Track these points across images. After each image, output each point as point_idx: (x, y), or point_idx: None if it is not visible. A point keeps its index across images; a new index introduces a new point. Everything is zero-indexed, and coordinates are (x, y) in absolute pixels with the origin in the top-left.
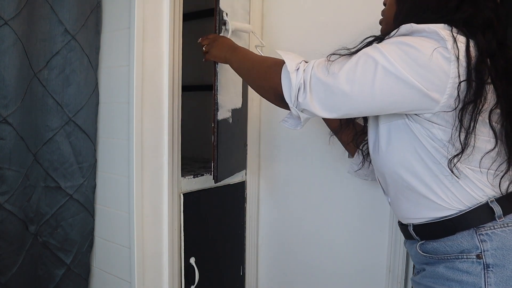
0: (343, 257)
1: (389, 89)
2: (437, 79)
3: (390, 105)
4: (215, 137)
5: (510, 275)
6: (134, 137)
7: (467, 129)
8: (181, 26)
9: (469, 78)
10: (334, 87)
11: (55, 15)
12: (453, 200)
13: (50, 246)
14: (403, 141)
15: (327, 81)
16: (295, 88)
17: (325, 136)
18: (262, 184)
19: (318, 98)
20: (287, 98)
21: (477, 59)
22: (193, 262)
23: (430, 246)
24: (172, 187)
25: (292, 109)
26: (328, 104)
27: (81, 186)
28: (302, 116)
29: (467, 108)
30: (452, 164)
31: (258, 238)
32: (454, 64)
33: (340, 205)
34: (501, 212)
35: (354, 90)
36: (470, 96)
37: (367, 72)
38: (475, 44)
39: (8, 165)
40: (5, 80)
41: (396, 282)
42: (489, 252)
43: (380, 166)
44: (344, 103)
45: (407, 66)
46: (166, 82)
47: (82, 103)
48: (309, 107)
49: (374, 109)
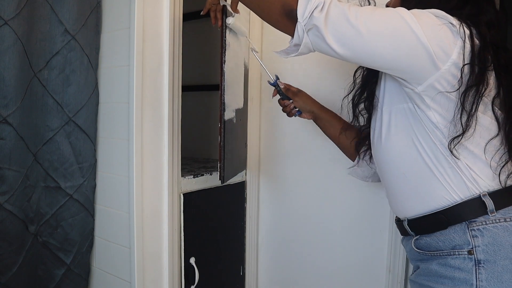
0: (343, 257)
1: (401, 39)
2: (445, 46)
3: (395, 56)
4: (221, 138)
5: (501, 271)
6: (134, 137)
7: (469, 111)
8: (181, 26)
9: (473, 62)
10: (351, 16)
11: (55, 15)
12: (448, 187)
13: (50, 246)
14: (403, 126)
15: (346, 9)
16: (314, 4)
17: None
18: (262, 184)
19: (332, 21)
20: (300, 11)
21: (480, 46)
22: (193, 262)
23: (424, 242)
24: (172, 187)
25: (299, 25)
26: (339, 31)
27: (81, 186)
28: (305, 38)
29: (469, 91)
30: (452, 145)
31: (258, 238)
32: (460, 39)
33: (340, 205)
34: (493, 207)
35: (369, 26)
36: (473, 79)
37: (387, 17)
38: (478, 33)
39: (8, 165)
40: (5, 80)
41: (396, 282)
42: (480, 248)
43: (381, 155)
44: (354, 36)
45: (424, 25)
46: (166, 82)
47: (82, 103)
48: (321, 25)
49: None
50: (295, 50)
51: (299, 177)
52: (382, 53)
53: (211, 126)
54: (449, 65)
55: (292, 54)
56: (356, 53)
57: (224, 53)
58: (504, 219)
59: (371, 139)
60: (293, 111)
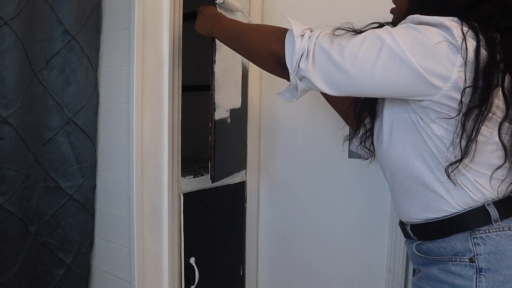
0: (343, 257)
1: (390, 70)
2: (441, 66)
3: (390, 87)
4: (212, 137)
5: (503, 280)
6: (134, 137)
7: (469, 136)
8: (181, 26)
9: (476, 82)
10: (336, 59)
11: (55, 15)
12: (451, 200)
13: (50, 246)
14: (405, 137)
15: (330, 52)
16: (298, 54)
17: (325, 136)
18: (262, 184)
19: (319, 68)
20: (288, 63)
21: (488, 61)
22: (193, 262)
23: (425, 247)
24: (172, 187)
25: (292, 75)
26: (328, 76)
27: (81, 186)
28: (300, 85)
29: (471, 113)
30: (450, 169)
31: (258, 238)
32: (460, 54)
33: (340, 205)
34: (497, 216)
35: (356, 65)
36: (475, 100)
37: (372, 50)
38: (487, 43)
39: (8, 165)
40: (5, 80)
41: (396, 282)
42: (482, 256)
43: (382, 159)
44: (343, 78)
45: (413, 48)
46: (166, 82)
47: (82, 103)
48: (309, 75)
49: (373, 89)
50: (295, 92)
51: (299, 177)
52: (375, 88)
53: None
54: (450, 85)
55: (294, 99)
56: (351, 93)
57: (214, 53)
58: (508, 227)
59: (375, 145)
60: None
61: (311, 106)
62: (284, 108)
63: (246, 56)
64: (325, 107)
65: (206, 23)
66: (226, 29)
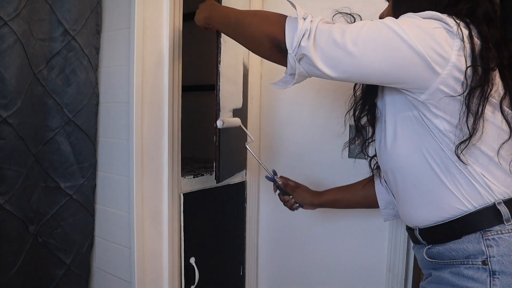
0: (343, 257)
1: (392, 51)
2: (441, 50)
3: (390, 70)
4: (216, 138)
5: None
6: (134, 137)
7: (475, 114)
8: (181, 26)
9: (474, 63)
10: (338, 38)
11: (55, 15)
12: (461, 197)
13: (50, 246)
14: (410, 134)
15: (332, 31)
16: (300, 33)
17: (325, 136)
18: (262, 184)
19: (320, 47)
20: (288, 43)
21: (482, 45)
22: (193, 262)
23: (436, 251)
24: (172, 187)
25: (290, 56)
26: (328, 55)
27: (81, 186)
28: (298, 68)
29: (474, 93)
30: (459, 150)
31: (258, 238)
32: (458, 40)
33: None
34: (509, 215)
35: (357, 43)
36: (477, 81)
37: (374, 31)
38: (478, 32)
39: (8, 165)
40: (5, 80)
41: (396, 282)
42: (495, 259)
43: (386, 162)
44: (344, 57)
45: (413, 31)
46: (166, 82)
47: (82, 103)
48: (310, 53)
49: (372, 70)
50: (291, 79)
51: (299, 177)
52: (376, 68)
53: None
54: (449, 69)
55: (289, 85)
56: (350, 74)
57: (219, 53)
58: None
59: (377, 151)
60: (294, 206)
61: (312, 105)
62: (284, 108)
63: (243, 41)
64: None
65: (203, 11)
66: (223, 16)
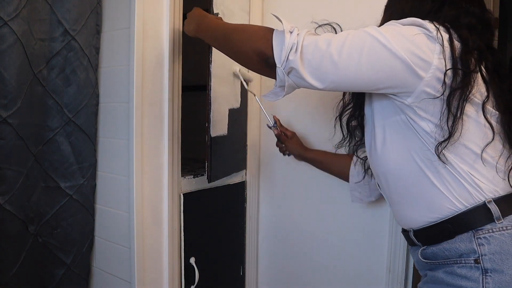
0: (343, 257)
1: (377, 59)
2: (423, 54)
3: (376, 78)
4: (208, 137)
5: (509, 280)
6: (134, 137)
7: (455, 115)
8: (181, 26)
9: (455, 65)
10: (323, 48)
11: (55, 15)
12: (450, 196)
13: (50, 246)
14: (398, 139)
15: (318, 44)
16: (288, 47)
17: (325, 136)
18: (262, 184)
19: (307, 60)
20: (277, 57)
21: (462, 49)
22: (193, 262)
23: (430, 252)
24: (172, 187)
25: (279, 69)
26: (315, 67)
27: (81, 186)
28: (287, 80)
29: (454, 94)
30: (439, 149)
31: (258, 238)
32: (438, 44)
33: (340, 205)
34: (499, 214)
35: (342, 53)
36: (457, 83)
37: (358, 40)
38: (459, 36)
39: (8, 165)
40: (5, 80)
41: (396, 282)
42: (487, 257)
43: (377, 166)
44: (330, 68)
45: (396, 39)
46: (166, 82)
47: (82, 103)
48: (298, 67)
49: (358, 79)
50: (281, 91)
51: (300, 177)
52: (361, 77)
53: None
54: (432, 72)
55: (280, 96)
56: (337, 84)
57: (211, 53)
58: (511, 227)
59: (368, 155)
60: (285, 153)
61: (311, 106)
62: (284, 108)
63: (232, 55)
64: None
65: (191, 24)
66: (210, 29)
